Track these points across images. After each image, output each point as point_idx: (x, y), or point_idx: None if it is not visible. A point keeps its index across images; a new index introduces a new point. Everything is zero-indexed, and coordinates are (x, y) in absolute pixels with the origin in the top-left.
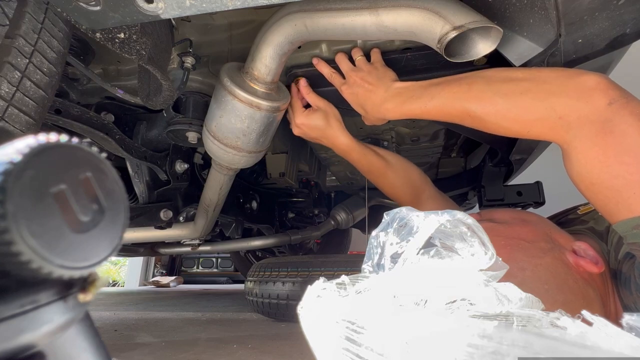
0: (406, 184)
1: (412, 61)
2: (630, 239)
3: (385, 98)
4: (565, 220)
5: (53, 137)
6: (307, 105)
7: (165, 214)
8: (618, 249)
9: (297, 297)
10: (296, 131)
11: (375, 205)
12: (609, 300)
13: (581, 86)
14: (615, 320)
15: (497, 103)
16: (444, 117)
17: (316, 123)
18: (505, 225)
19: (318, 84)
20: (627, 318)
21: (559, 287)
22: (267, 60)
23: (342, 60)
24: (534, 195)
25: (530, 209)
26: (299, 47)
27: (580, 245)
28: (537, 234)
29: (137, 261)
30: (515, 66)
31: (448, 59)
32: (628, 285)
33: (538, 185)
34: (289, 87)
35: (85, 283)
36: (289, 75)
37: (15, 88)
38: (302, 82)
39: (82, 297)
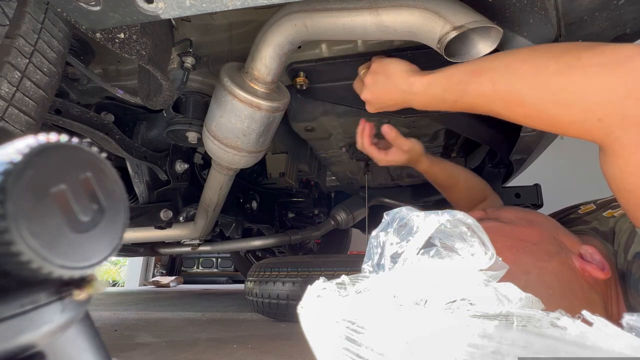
0: (468, 198)
1: (411, 59)
2: None
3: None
4: (567, 220)
5: (53, 137)
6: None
7: (165, 214)
8: (627, 249)
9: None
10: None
11: (375, 205)
12: (611, 303)
13: (630, 78)
14: (617, 322)
15: (526, 104)
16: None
17: (402, 160)
18: (512, 225)
19: (319, 80)
20: (627, 318)
21: (563, 292)
22: (267, 60)
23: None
24: (532, 197)
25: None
26: (299, 47)
27: (587, 250)
28: (544, 235)
29: (137, 261)
30: None
31: (448, 59)
32: (636, 286)
33: (537, 187)
34: (289, 87)
35: (82, 282)
36: (290, 70)
37: (15, 88)
38: (386, 129)
39: (77, 294)
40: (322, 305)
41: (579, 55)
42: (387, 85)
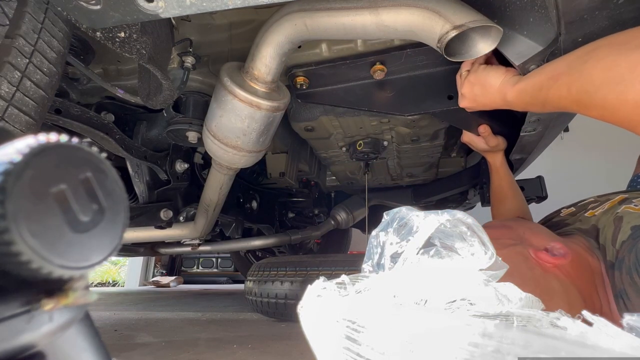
0: (516, 214)
1: (411, 58)
2: None
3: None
4: (551, 224)
5: (53, 137)
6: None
7: (165, 214)
8: (614, 240)
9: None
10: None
11: (375, 205)
12: (594, 293)
13: None
14: (606, 312)
15: (598, 107)
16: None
17: (482, 148)
18: (485, 227)
19: (320, 83)
20: (628, 318)
21: (510, 274)
22: (267, 59)
23: None
24: (536, 190)
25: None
26: (299, 47)
27: (555, 245)
28: (506, 234)
29: (137, 261)
30: (516, 65)
31: (448, 58)
32: (620, 268)
33: (540, 180)
34: (289, 87)
35: (55, 291)
36: (289, 75)
37: (15, 88)
38: (482, 129)
39: (45, 304)
40: (322, 305)
41: None
42: (484, 96)
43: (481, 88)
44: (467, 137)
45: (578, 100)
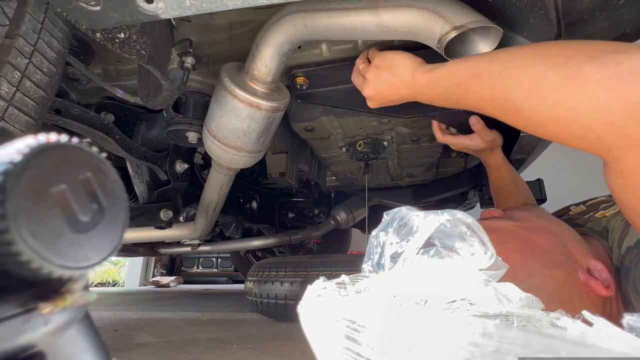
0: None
1: None
2: None
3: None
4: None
5: (53, 137)
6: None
7: (165, 214)
8: (621, 244)
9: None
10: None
11: (375, 205)
12: (611, 303)
13: (633, 97)
14: (614, 315)
15: (523, 115)
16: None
17: (479, 147)
18: (526, 228)
19: (319, 83)
20: (628, 318)
21: (562, 300)
22: (267, 60)
23: None
24: (535, 192)
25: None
26: (299, 47)
27: (596, 266)
28: (555, 244)
29: (137, 261)
30: None
31: (448, 59)
32: (627, 277)
33: (539, 182)
34: (289, 88)
35: (52, 294)
36: (289, 75)
37: (15, 88)
38: (474, 120)
39: (44, 308)
40: (322, 305)
41: (580, 68)
42: (392, 79)
43: (388, 71)
44: (461, 142)
45: (502, 106)
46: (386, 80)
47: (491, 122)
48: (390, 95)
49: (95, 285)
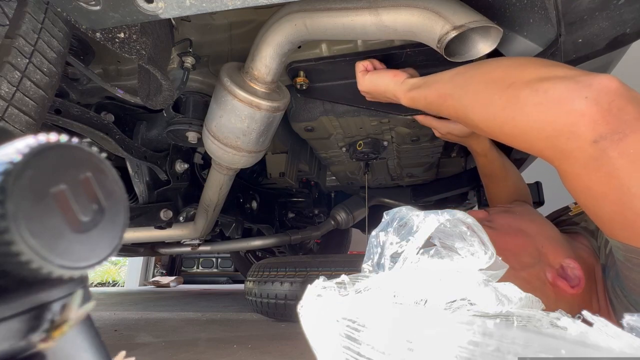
0: (513, 196)
1: (411, 57)
2: (614, 252)
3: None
4: (559, 221)
5: (53, 137)
6: None
7: (165, 214)
8: (606, 244)
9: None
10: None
11: (375, 205)
12: (594, 298)
13: (564, 118)
14: (604, 313)
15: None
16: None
17: (464, 132)
18: (500, 233)
19: (319, 79)
20: (628, 318)
21: None
22: (267, 60)
23: None
24: (533, 195)
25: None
26: (299, 47)
27: (570, 264)
28: (525, 247)
29: (137, 261)
30: None
31: (448, 58)
32: (608, 275)
33: (537, 185)
34: (289, 87)
35: (52, 324)
36: (290, 69)
37: (15, 88)
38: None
39: (43, 345)
40: (322, 305)
41: (518, 94)
42: (381, 98)
43: (377, 93)
44: (444, 126)
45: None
46: (378, 97)
47: None
48: (385, 101)
49: (95, 285)
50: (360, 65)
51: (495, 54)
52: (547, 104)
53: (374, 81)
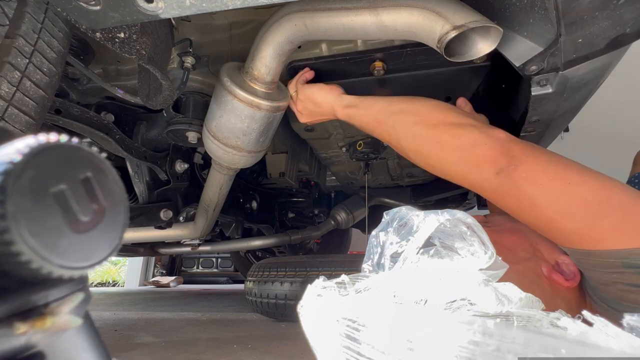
0: None
1: (411, 57)
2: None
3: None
4: None
5: (53, 137)
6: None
7: (165, 214)
8: None
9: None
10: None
11: (375, 205)
12: (587, 296)
13: (472, 160)
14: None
15: (412, 158)
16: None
17: (301, 109)
18: (496, 231)
19: (319, 77)
20: (628, 318)
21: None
22: (267, 60)
23: None
24: None
25: None
26: (299, 47)
27: (564, 260)
28: (521, 243)
29: (137, 261)
30: (516, 66)
31: (448, 58)
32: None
33: None
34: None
35: (33, 314)
36: (289, 68)
37: (15, 88)
38: (462, 103)
39: (19, 328)
40: (322, 304)
41: (440, 136)
42: (318, 111)
43: (312, 104)
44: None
45: (398, 149)
46: (312, 110)
47: (484, 109)
48: (318, 119)
49: (95, 285)
50: (291, 86)
51: (495, 54)
52: (460, 147)
53: (312, 93)
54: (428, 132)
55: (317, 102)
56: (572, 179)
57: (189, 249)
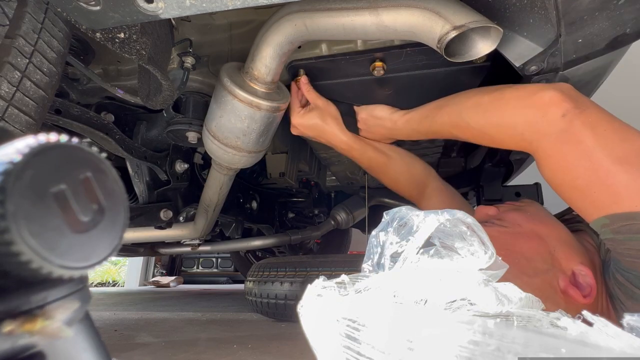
0: (409, 179)
1: (411, 56)
2: (602, 235)
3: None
4: (562, 221)
5: (53, 137)
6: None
7: (165, 214)
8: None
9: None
10: (294, 131)
11: (375, 205)
12: (598, 305)
13: (537, 103)
14: (604, 312)
15: (471, 127)
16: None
17: (313, 122)
18: (513, 233)
19: (319, 77)
20: (628, 318)
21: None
22: (267, 60)
23: None
24: (532, 196)
25: None
26: (299, 47)
27: (582, 271)
28: (539, 251)
29: (137, 261)
30: (516, 66)
31: (448, 58)
32: (607, 273)
33: (537, 186)
34: (288, 86)
35: (22, 315)
36: (289, 67)
37: (15, 88)
38: (303, 80)
39: (6, 326)
40: (322, 304)
41: (504, 91)
42: (378, 126)
43: (374, 120)
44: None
45: (458, 125)
46: (374, 127)
47: None
48: (377, 135)
49: (95, 285)
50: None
51: (495, 54)
52: (524, 94)
53: (373, 110)
54: (490, 94)
55: (378, 116)
56: (630, 134)
57: (189, 249)
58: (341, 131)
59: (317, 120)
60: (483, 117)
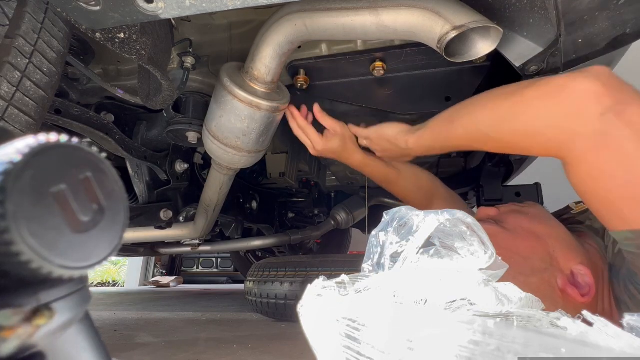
0: (417, 190)
1: (411, 56)
2: (624, 247)
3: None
4: (561, 221)
5: (53, 137)
6: (316, 125)
7: (165, 214)
8: (615, 243)
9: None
10: (315, 153)
11: (375, 205)
12: (600, 298)
13: (568, 100)
14: (607, 312)
15: (492, 139)
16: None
17: (336, 147)
18: (511, 234)
19: (319, 77)
20: (628, 318)
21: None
22: (267, 60)
23: None
24: (532, 196)
25: None
26: (299, 47)
27: (581, 270)
28: (537, 251)
29: (137, 261)
30: (516, 66)
31: (448, 58)
32: (617, 277)
33: (537, 186)
34: (289, 87)
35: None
36: (289, 67)
37: (15, 88)
38: (317, 108)
39: (7, 327)
40: (322, 304)
41: (523, 92)
42: (390, 147)
43: (386, 141)
44: (314, 137)
45: (476, 137)
46: (388, 149)
47: None
48: (390, 156)
49: (95, 285)
50: (360, 134)
51: (495, 54)
52: (551, 91)
53: (381, 130)
54: (508, 99)
55: (389, 135)
56: None
57: (189, 249)
58: (357, 151)
59: (339, 144)
60: (504, 126)
